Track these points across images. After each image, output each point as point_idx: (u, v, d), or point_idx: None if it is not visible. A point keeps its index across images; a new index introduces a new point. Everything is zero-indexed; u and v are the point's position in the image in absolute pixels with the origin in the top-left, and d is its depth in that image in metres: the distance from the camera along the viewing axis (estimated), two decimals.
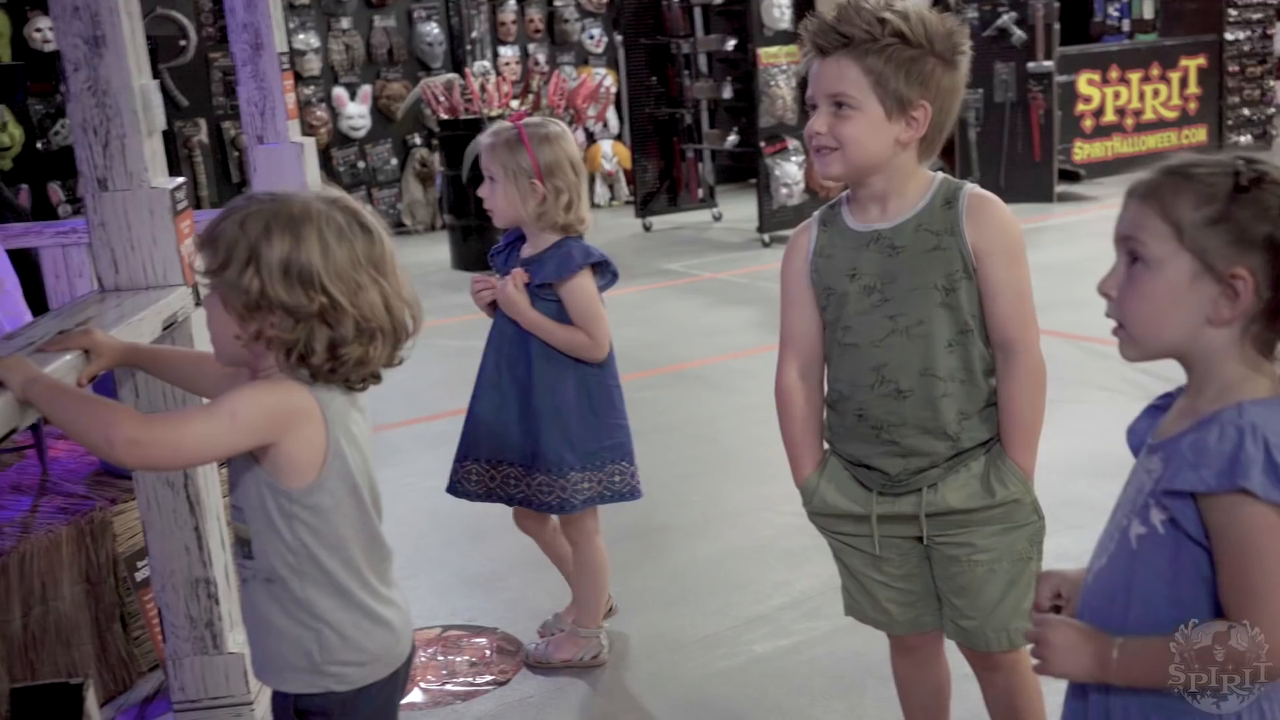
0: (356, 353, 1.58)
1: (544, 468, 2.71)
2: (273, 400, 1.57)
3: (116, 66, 2.24)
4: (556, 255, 2.68)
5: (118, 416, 1.53)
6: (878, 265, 1.90)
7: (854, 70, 1.82)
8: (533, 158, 2.64)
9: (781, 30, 8.21)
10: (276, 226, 1.55)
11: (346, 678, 1.65)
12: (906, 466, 1.93)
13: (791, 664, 2.82)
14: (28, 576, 2.45)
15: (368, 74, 10.19)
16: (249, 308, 1.56)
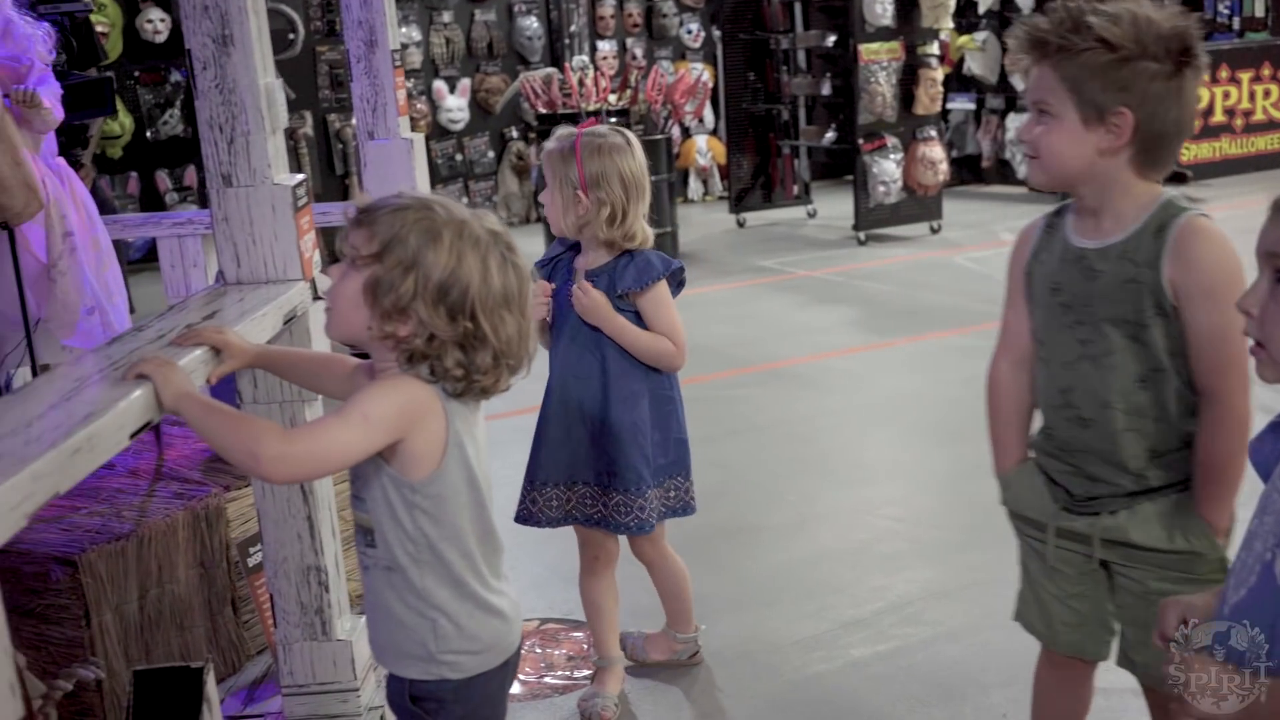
0: (487, 381, 1.63)
1: (621, 487, 2.62)
2: (401, 398, 1.60)
3: (243, 65, 2.29)
4: (635, 264, 2.58)
5: (262, 434, 1.55)
6: (1078, 286, 1.84)
7: (1052, 77, 1.77)
8: (580, 169, 2.55)
9: (883, 26, 8.14)
10: (443, 241, 1.58)
11: (460, 666, 1.68)
12: (1089, 491, 1.88)
13: (890, 669, 2.81)
14: (145, 560, 2.52)
15: (467, 67, 10.30)
16: (394, 309, 1.58)
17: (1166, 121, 1.77)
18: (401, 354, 1.61)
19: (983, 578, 3.25)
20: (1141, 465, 1.82)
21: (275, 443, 1.54)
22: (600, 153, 2.55)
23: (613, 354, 2.59)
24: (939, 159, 8.33)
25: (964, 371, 5.28)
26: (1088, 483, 1.87)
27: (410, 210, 1.61)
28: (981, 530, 3.60)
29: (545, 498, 2.69)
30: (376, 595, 1.71)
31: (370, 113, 3.54)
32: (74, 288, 3.08)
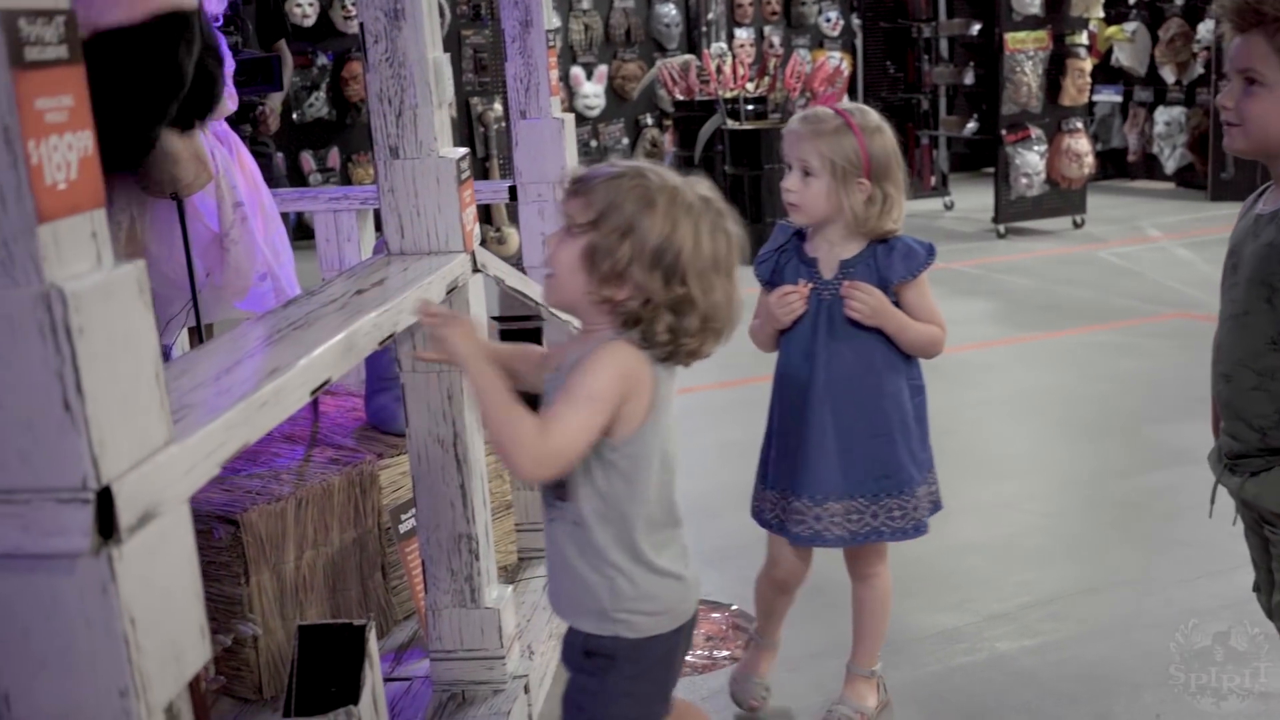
0: (693, 345, 1.66)
1: (895, 489, 2.42)
2: (618, 369, 1.64)
3: (413, 39, 2.34)
4: (898, 252, 2.35)
5: (524, 437, 1.59)
6: (1243, 248, 1.90)
7: (1264, 47, 1.77)
8: (864, 150, 2.28)
9: (1031, 15, 7.96)
10: (658, 207, 1.61)
11: (635, 625, 1.71)
12: (1232, 448, 1.94)
13: (1037, 664, 2.75)
14: (302, 521, 2.59)
15: (605, 54, 10.36)
16: (611, 274, 1.63)
17: None
18: (617, 317, 1.66)
19: (1132, 576, 3.17)
20: (1266, 424, 1.86)
21: (533, 447, 1.58)
22: (880, 133, 2.33)
23: (881, 350, 2.37)
24: (1084, 151, 8.12)
25: (1107, 368, 5.16)
26: (1231, 440, 1.93)
27: (625, 177, 1.64)
28: (1129, 529, 3.51)
29: (830, 514, 2.41)
30: (559, 549, 1.75)
31: (523, 92, 3.57)
32: (246, 255, 3.17)
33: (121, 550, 1.13)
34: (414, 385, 2.42)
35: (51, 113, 1.12)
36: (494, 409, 1.62)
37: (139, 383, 1.18)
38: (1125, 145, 10.18)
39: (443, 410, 2.42)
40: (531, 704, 2.59)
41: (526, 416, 1.60)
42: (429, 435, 2.43)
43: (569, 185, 1.69)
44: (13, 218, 1.10)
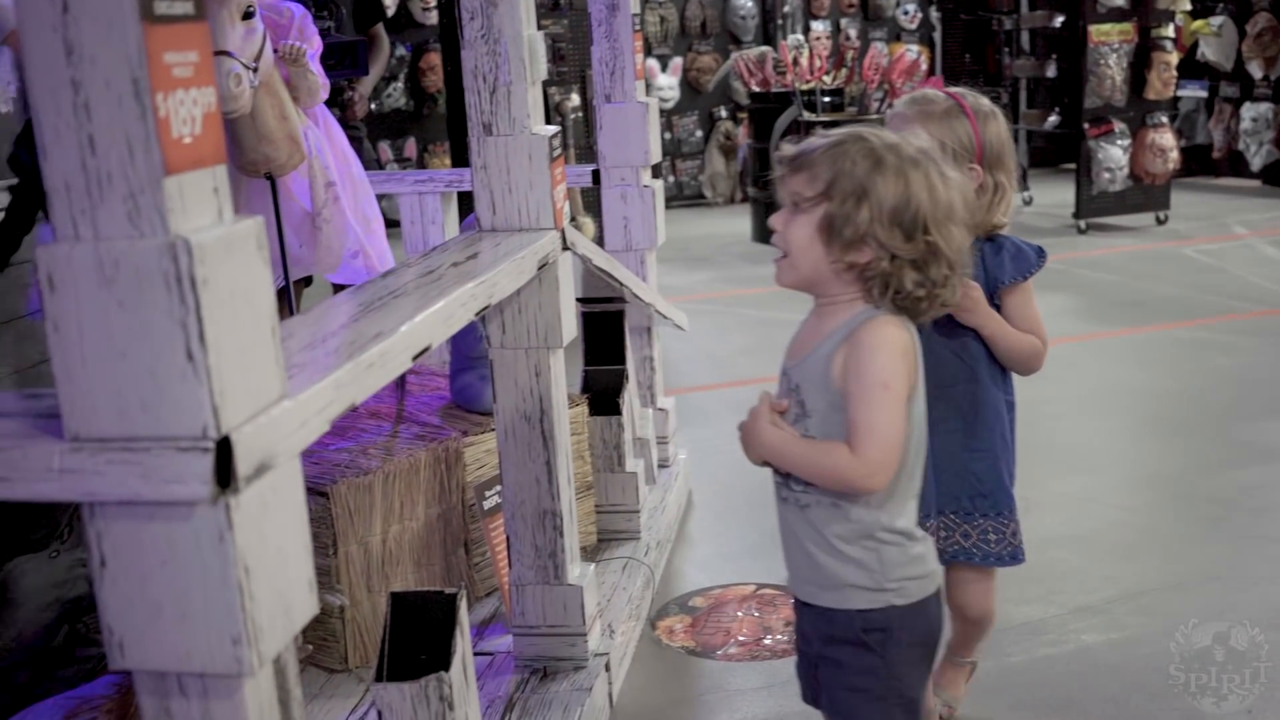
0: (947, 294, 1.67)
1: (992, 510, 2.27)
2: (895, 348, 1.63)
3: (509, 16, 2.35)
4: (1007, 253, 2.19)
5: (842, 466, 1.62)
6: None
7: None
8: (977, 135, 2.12)
9: (1116, 7, 7.83)
10: (887, 165, 1.61)
11: (906, 591, 1.70)
12: None
13: (1124, 658, 2.70)
14: (389, 496, 2.61)
15: (680, 46, 10.35)
16: (854, 239, 1.62)
17: None
18: (864, 282, 1.64)
19: (1223, 573, 3.10)
20: None
21: (852, 467, 1.61)
22: (994, 118, 2.16)
23: (982, 358, 2.21)
24: (1169, 146, 7.98)
25: (1191, 364, 5.06)
26: None
27: (847, 143, 1.64)
28: (1216, 525, 3.44)
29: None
30: (812, 533, 1.71)
31: (609, 76, 3.57)
32: (338, 234, 3.22)
33: (238, 500, 1.15)
34: (503, 362, 2.43)
35: (178, 67, 1.14)
36: (796, 462, 1.67)
37: (257, 336, 1.20)
38: (1210, 142, 9.98)
39: (530, 387, 2.43)
40: (612, 682, 2.60)
41: (829, 448, 1.63)
42: (516, 412, 2.44)
43: (786, 163, 1.68)
44: (140, 170, 1.12)
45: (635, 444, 3.35)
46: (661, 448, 3.68)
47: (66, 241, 1.14)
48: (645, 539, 3.20)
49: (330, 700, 2.46)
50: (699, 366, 5.42)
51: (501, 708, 2.39)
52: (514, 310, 2.40)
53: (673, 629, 2.96)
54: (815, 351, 1.68)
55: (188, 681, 1.21)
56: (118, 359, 1.14)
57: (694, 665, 2.80)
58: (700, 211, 10.21)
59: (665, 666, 2.81)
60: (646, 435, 3.45)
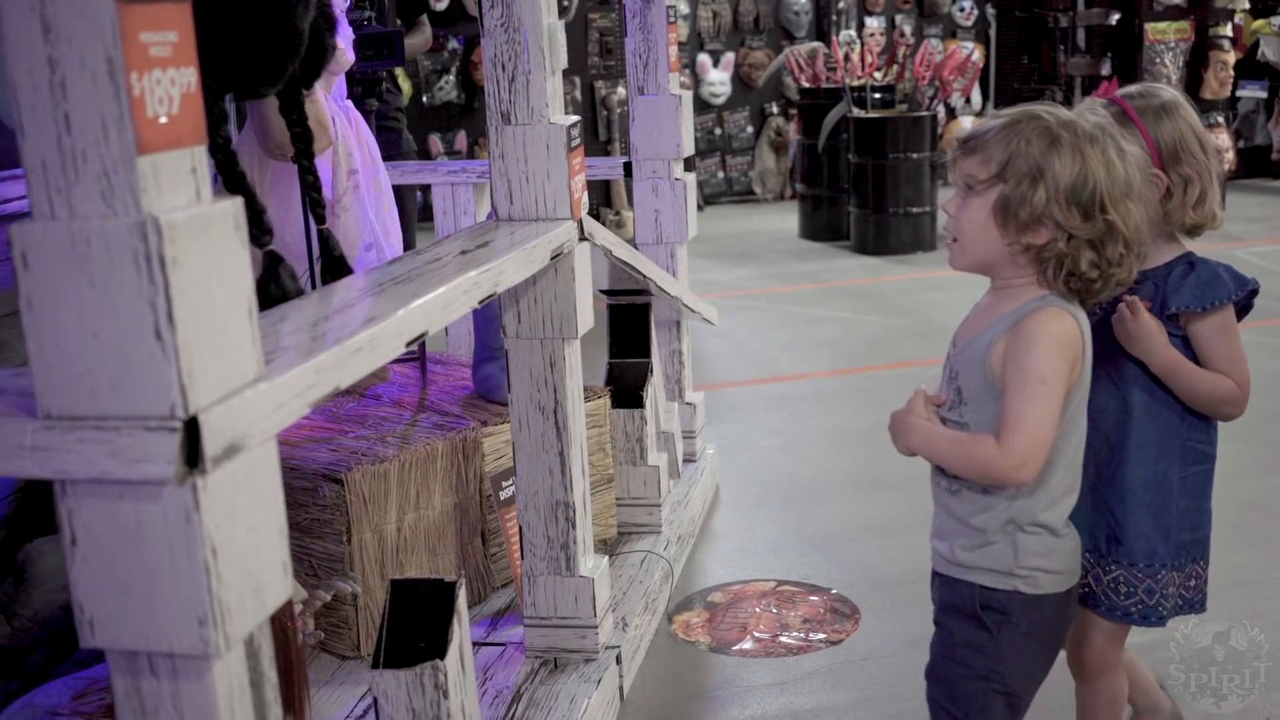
0: (1122, 274, 1.66)
1: (1126, 558, 2.01)
2: (1058, 342, 1.63)
3: (529, 5, 2.34)
4: (1197, 276, 1.94)
5: (987, 458, 1.64)
6: None
7: None
8: (1149, 140, 1.93)
9: (1173, 5, 7.70)
10: (1063, 143, 1.61)
11: (1035, 581, 1.72)
12: None
13: (1148, 662, 2.65)
14: (405, 484, 2.62)
15: (732, 42, 10.30)
16: (1030, 220, 1.62)
17: None
18: (1041, 263, 1.65)
19: (1251, 578, 3.04)
20: None
21: (998, 456, 1.63)
22: (1167, 114, 1.95)
23: (1140, 388, 1.99)
24: (1225, 146, 7.84)
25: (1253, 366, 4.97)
26: None
27: (1020, 123, 1.64)
28: (1249, 530, 3.38)
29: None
30: (960, 510, 1.74)
31: (642, 68, 3.56)
32: (355, 223, 3.22)
33: (206, 480, 1.15)
34: (517, 352, 2.43)
35: (155, 47, 1.14)
36: (943, 455, 1.70)
37: (231, 317, 1.20)
38: (1269, 143, 9.79)
39: (544, 377, 2.42)
40: (623, 675, 2.58)
41: (976, 440, 1.66)
42: (530, 402, 2.44)
43: (962, 147, 1.70)
44: (113, 148, 1.12)
45: (660, 438, 3.33)
46: (688, 442, 3.66)
47: (41, 219, 1.15)
48: (666, 533, 3.18)
49: (341, 687, 2.47)
50: (737, 362, 5.40)
51: (509, 698, 2.39)
52: (529, 300, 2.39)
53: (689, 623, 2.95)
54: (978, 339, 1.70)
55: (158, 661, 1.21)
56: (89, 337, 1.14)
57: (708, 660, 2.78)
58: (749, 208, 10.17)
59: (679, 661, 2.79)
60: (671, 429, 3.44)
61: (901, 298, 6.50)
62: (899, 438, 1.76)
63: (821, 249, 8.07)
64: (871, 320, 5.98)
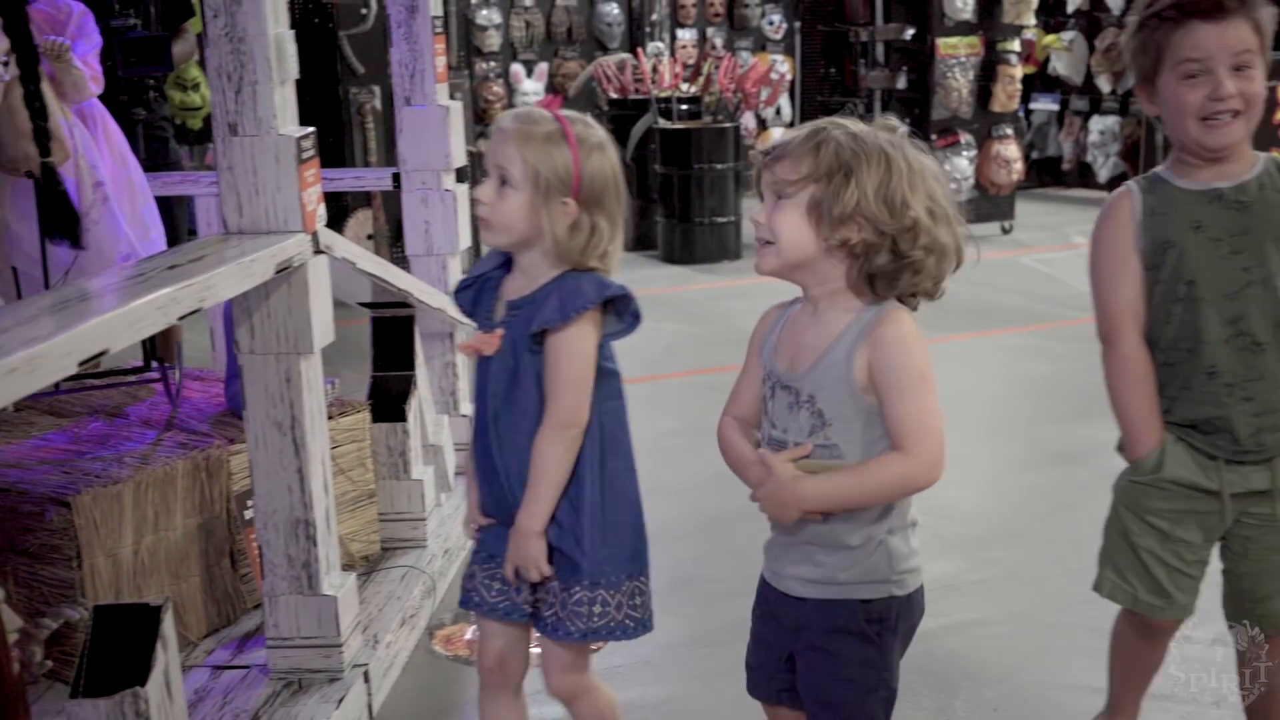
0: (925, 269, 1.69)
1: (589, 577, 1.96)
2: (917, 338, 1.69)
3: (254, 14, 2.29)
4: (560, 290, 1.88)
5: (896, 474, 1.65)
6: (1225, 219, 1.94)
7: (1249, 30, 1.89)
8: (577, 167, 1.86)
9: (963, 21, 7.99)
10: (867, 145, 1.68)
11: (905, 582, 1.75)
12: (1260, 425, 1.95)
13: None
14: (141, 505, 2.54)
15: (546, 52, 10.31)
16: (841, 218, 1.67)
17: None
18: (851, 259, 1.69)
19: (999, 572, 3.17)
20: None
21: (910, 465, 1.65)
22: (601, 152, 1.90)
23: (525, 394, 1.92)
24: (1014, 158, 8.16)
25: (1015, 370, 5.19)
26: (1258, 417, 1.94)
27: (825, 130, 1.71)
28: (1010, 525, 3.53)
29: (486, 573, 2.02)
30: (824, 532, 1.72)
31: (408, 79, 3.53)
32: (108, 236, 3.13)
33: None
34: (251, 367, 2.38)
35: None
36: (851, 498, 1.68)
37: None
38: (1060, 153, 10.25)
39: (280, 393, 2.38)
40: (372, 693, 2.55)
41: (879, 463, 1.66)
42: (266, 419, 2.39)
43: (766, 157, 1.75)
44: None
45: (427, 451, 3.31)
46: (462, 454, 3.64)
47: None
48: (432, 547, 3.16)
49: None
50: None
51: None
52: (262, 315, 2.35)
53: (451, 638, 2.93)
54: (830, 356, 1.70)
55: None
56: None
57: (466, 674, 2.77)
58: None
59: (436, 676, 2.77)
60: (440, 442, 3.41)
61: (702, 306, 6.60)
62: (783, 511, 1.72)
63: (630, 258, 8.13)
64: (669, 329, 6.05)
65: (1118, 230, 2.01)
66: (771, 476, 1.72)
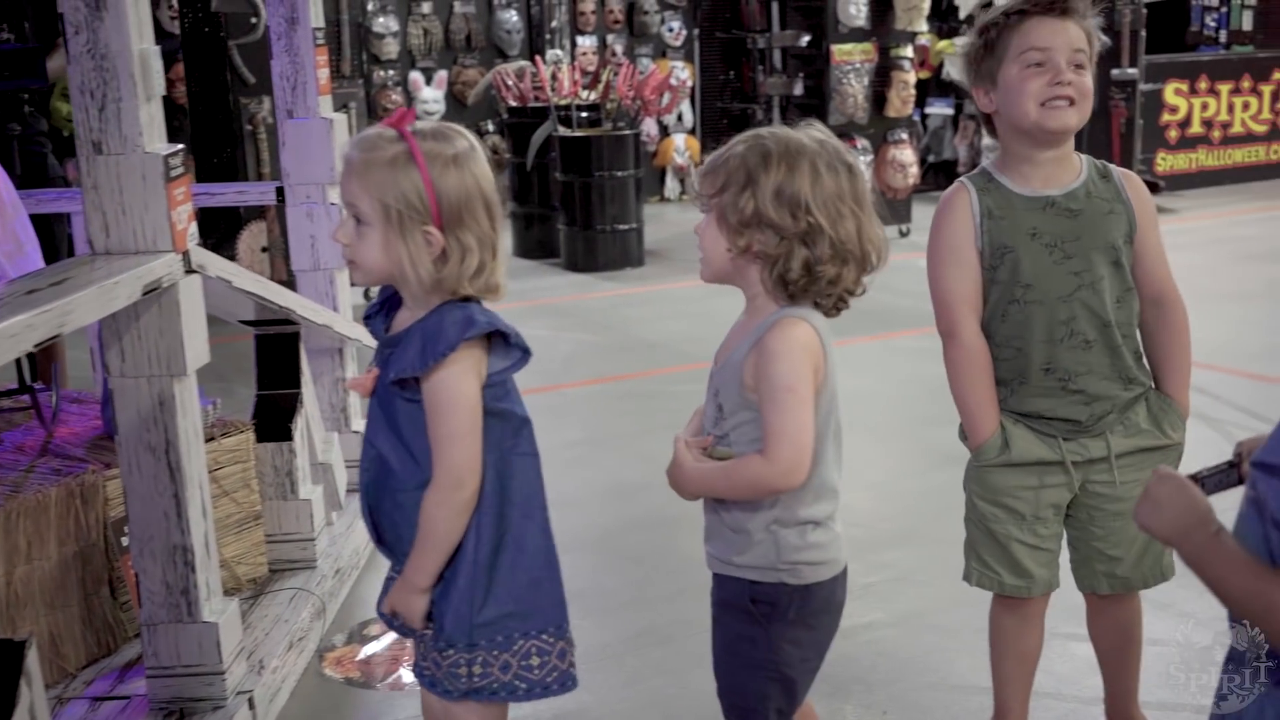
0: (830, 272, 1.75)
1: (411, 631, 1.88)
2: (798, 348, 1.74)
3: (116, 30, 2.24)
4: (423, 331, 1.72)
5: (756, 475, 1.76)
6: (1058, 227, 2.06)
7: (1083, 35, 2.05)
8: (430, 189, 1.69)
9: (857, 27, 8.09)
10: (773, 155, 1.75)
11: (799, 573, 1.81)
12: (1091, 412, 2.09)
13: None
14: (13, 535, 2.46)
15: (445, 59, 10.24)
16: (742, 224, 1.75)
17: None
18: (761, 265, 1.76)
19: (890, 575, 3.21)
20: (1134, 372, 2.11)
21: (766, 469, 1.74)
22: (457, 162, 1.72)
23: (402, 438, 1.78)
24: (909, 162, 8.28)
25: (911, 372, 5.25)
26: (1089, 406, 2.09)
27: (742, 143, 1.79)
28: (902, 528, 3.56)
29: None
30: (726, 513, 1.83)
31: (290, 91, 3.48)
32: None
33: None
34: (123, 390, 2.33)
35: None
36: (720, 488, 1.81)
37: None
38: (956, 156, 10.42)
39: (153, 417, 2.33)
40: (257, 719, 2.50)
41: (744, 462, 1.77)
42: (140, 443, 2.34)
43: (700, 173, 1.83)
44: None
45: (316, 469, 3.26)
46: (353, 471, 3.59)
47: None
48: (323, 568, 3.11)
49: None
50: None
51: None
52: (132, 337, 2.29)
53: (341, 659, 2.88)
54: (733, 356, 1.81)
55: None
56: None
57: (355, 696, 2.73)
58: None
59: (324, 699, 2.73)
60: (330, 460, 3.36)
61: (604, 314, 6.59)
62: (679, 490, 1.86)
63: (534, 267, 8.11)
64: (570, 337, 6.03)
65: (957, 227, 2.11)
66: (674, 459, 1.85)
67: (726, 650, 1.90)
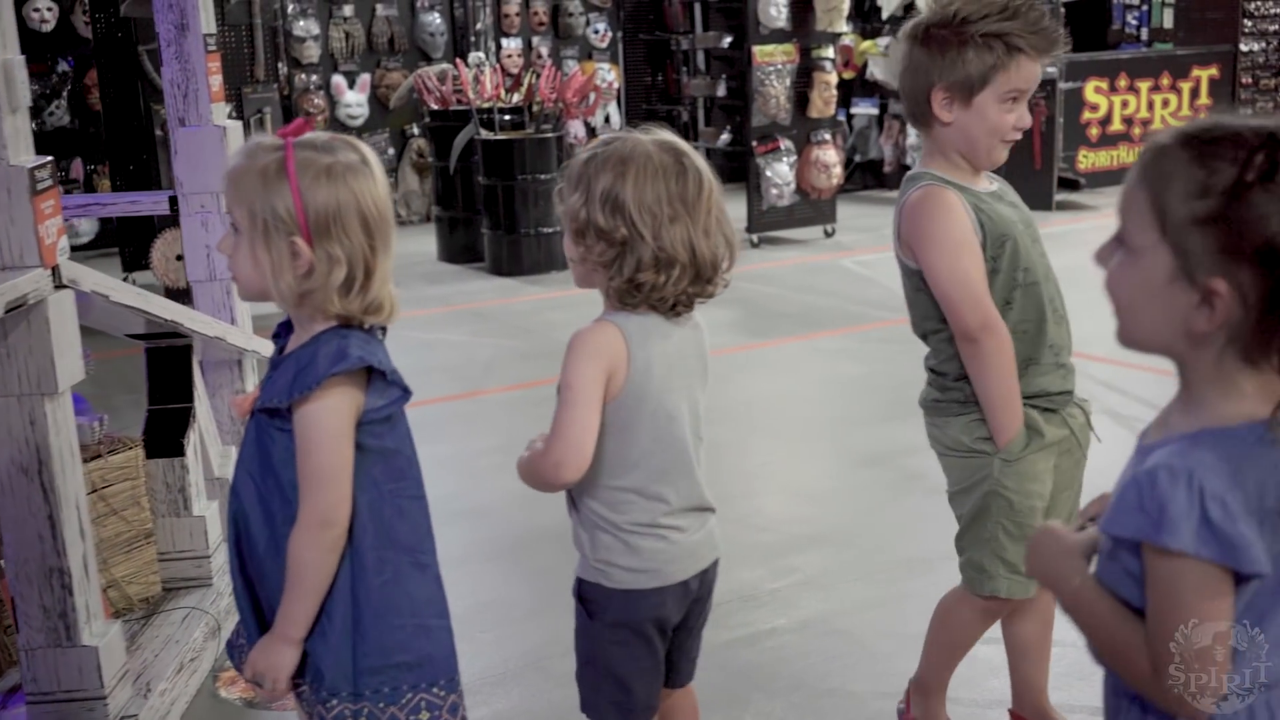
0: (651, 279, 1.74)
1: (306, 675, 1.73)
2: (586, 353, 1.76)
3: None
4: (298, 360, 1.65)
5: (533, 460, 1.81)
6: (1016, 214, 2.14)
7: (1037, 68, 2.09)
8: (297, 199, 1.61)
9: (778, 29, 8.09)
10: (608, 162, 1.75)
11: (611, 576, 1.83)
12: (1066, 385, 2.18)
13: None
14: None
15: (368, 63, 10.14)
16: (578, 231, 1.77)
17: None
18: (603, 272, 1.77)
19: (796, 580, 3.20)
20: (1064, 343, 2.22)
21: (538, 460, 1.79)
22: (331, 176, 1.62)
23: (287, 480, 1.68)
24: (833, 162, 8.30)
25: (829, 373, 5.27)
26: (1069, 377, 2.18)
27: (586, 151, 1.81)
28: (811, 531, 3.56)
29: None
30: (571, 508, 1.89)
31: (181, 99, 3.40)
32: None
33: None
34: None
35: None
36: (524, 475, 1.84)
37: None
38: (881, 156, 10.48)
39: (25, 437, 2.26)
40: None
41: (536, 452, 1.81)
42: (11, 464, 2.27)
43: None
44: None
45: (211, 485, 3.19)
46: None
47: None
48: (218, 585, 3.04)
49: None
50: None
51: None
52: (1, 355, 2.22)
53: (237, 679, 2.82)
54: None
55: None
56: None
57: (249, 717, 2.67)
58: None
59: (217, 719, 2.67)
60: (227, 475, 3.29)
61: (526, 318, 6.55)
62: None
63: (458, 271, 8.05)
64: (490, 343, 5.99)
65: (961, 221, 2.07)
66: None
67: (575, 638, 1.93)
